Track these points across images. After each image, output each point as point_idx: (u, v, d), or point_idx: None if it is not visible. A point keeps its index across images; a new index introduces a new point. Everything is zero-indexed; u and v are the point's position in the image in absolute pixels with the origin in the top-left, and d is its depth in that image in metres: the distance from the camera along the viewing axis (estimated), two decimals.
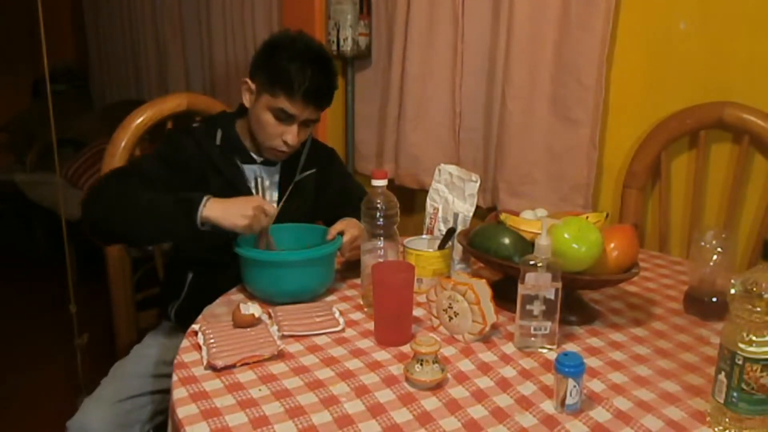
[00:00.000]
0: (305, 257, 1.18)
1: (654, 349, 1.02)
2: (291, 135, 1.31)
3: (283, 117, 1.30)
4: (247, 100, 1.36)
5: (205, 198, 1.15)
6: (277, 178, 1.42)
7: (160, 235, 1.29)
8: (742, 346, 0.76)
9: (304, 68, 1.27)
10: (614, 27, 1.62)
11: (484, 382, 0.91)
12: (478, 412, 0.84)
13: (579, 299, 1.17)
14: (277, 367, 0.94)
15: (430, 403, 0.86)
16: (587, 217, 1.14)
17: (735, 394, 0.77)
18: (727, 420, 0.79)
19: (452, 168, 1.37)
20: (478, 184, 1.33)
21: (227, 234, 1.17)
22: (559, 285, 0.96)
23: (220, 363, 0.92)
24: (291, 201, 1.41)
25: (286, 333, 1.04)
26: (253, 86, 1.34)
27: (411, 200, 2.14)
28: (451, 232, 1.29)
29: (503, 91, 1.80)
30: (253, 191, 1.38)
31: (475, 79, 1.91)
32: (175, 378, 0.91)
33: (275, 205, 1.38)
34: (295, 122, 1.31)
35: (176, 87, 3.11)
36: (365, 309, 1.16)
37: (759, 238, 1.51)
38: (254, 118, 1.34)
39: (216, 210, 1.15)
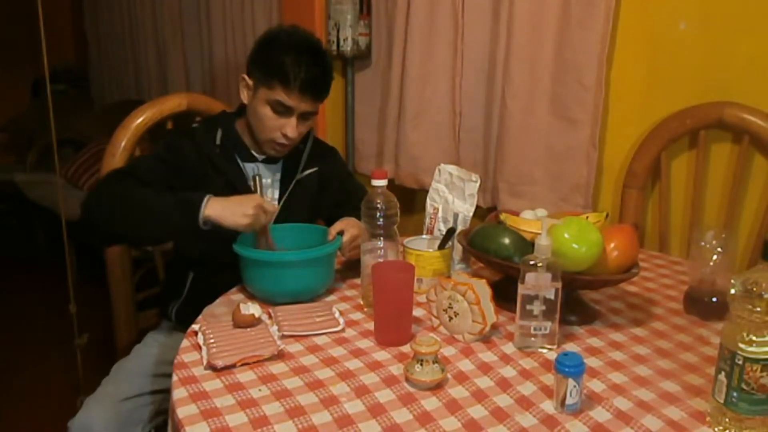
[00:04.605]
0: (305, 257, 1.18)
1: (654, 349, 1.02)
2: (290, 128, 1.31)
3: (281, 110, 1.30)
4: (244, 96, 1.36)
5: (206, 197, 1.16)
6: (278, 176, 1.43)
7: (160, 235, 1.31)
8: (742, 346, 0.76)
9: (299, 59, 1.27)
10: (614, 27, 1.62)
11: (484, 382, 0.91)
12: (478, 412, 0.84)
13: (579, 299, 1.17)
14: (277, 367, 0.94)
15: (430, 403, 0.86)
16: (587, 217, 1.14)
17: (735, 394, 0.77)
18: (727, 420, 0.79)
19: (452, 168, 1.37)
20: (478, 184, 1.33)
21: (228, 233, 1.17)
22: (559, 285, 0.96)
23: (220, 363, 0.93)
24: (292, 199, 1.41)
25: (286, 333, 1.04)
26: (250, 82, 1.34)
27: (411, 200, 2.14)
28: (451, 232, 1.29)
29: (503, 91, 1.80)
30: (252, 189, 1.39)
31: (475, 79, 1.91)
32: (175, 378, 0.91)
33: (276, 203, 1.38)
34: (294, 114, 1.31)
35: (176, 87, 3.11)
36: (365, 309, 1.16)
37: (759, 238, 1.51)
38: (252, 113, 1.34)
39: (217, 209, 1.15)
